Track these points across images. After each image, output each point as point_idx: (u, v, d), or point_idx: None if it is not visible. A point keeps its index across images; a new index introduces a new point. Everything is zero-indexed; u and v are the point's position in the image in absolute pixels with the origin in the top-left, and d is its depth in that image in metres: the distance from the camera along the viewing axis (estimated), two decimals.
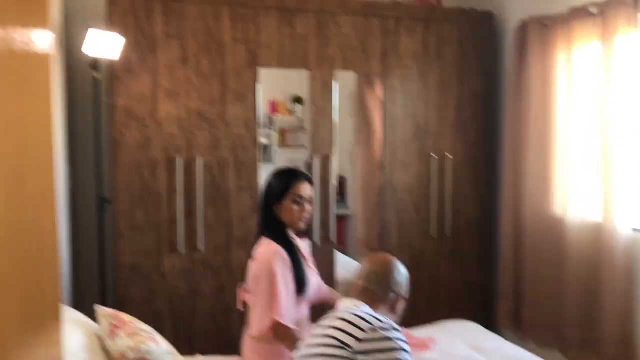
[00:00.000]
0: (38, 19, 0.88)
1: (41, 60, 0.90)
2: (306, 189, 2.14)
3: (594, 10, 2.70)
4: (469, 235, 3.45)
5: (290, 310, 2.00)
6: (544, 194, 3.04)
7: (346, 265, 3.37)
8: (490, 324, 3.16)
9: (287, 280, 2.02)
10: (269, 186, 2.15)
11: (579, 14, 2.79)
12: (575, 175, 2.87)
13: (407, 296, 1.81)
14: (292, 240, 2.16)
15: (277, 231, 2.11)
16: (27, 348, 0.74)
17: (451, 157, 3.36)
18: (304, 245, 2.29)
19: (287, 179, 2.13)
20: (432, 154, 3.33)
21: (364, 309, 1.60)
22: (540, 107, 3.04)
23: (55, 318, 0.93)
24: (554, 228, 2.98)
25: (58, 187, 2.44)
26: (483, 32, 3.40)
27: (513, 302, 3.23)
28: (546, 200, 3.04)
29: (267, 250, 2.05)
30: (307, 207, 2.14)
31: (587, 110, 2.80)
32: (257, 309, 2.02)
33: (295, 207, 2.10)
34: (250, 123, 2.98)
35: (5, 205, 0.64)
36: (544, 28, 3.01)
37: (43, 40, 0.89)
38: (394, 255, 3.23)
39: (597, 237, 2.72)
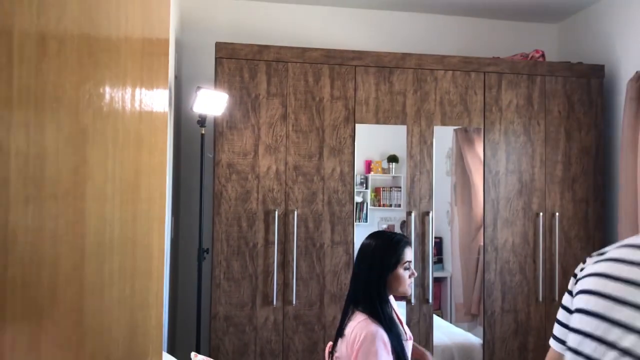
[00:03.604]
0: (159, 81, 0.94)
1: (160, 118, 0.95)
2: (411, 253, 2.08)
3: None
4: None
5: None
6: None
7: (443, 329, 3.20)
8: None
9: None
10: (377, 256, 2.00)
11: None
12: None
13: None
14: (392, 312, 2.00)
15: (378, 303, 1.92)
16: None
17: (559, 215, 3.15)
18: (397, 308, 2.17)
19: (397, 246, 2.02)
20: (538, 212, 3.14)
21: None
22: None
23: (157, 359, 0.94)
24: None
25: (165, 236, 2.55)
26: (592, 85, 3.23)
27: None
28: None
29: (365, 329, 1.84)
30: (414, 271, 2.08)
31: None
32: None
33: (407, 274, 2.02)
34: (347, 177, 2.99)
35: (121, 242, 0.66)
36: None
37: (162, 99, 0.94)
38: (496, 320, 3.05)
39: None
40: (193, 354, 1.98)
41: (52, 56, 0.45)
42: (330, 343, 2.11)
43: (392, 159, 3.50)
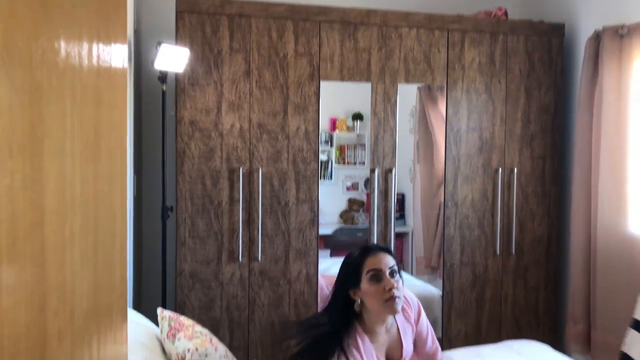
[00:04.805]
0: (117, 35, 0.91)
1: (120, 74, 0.93)
2: (385, 260, 1.73)
3: None
4: (535, 253, 3.31)
5: None
6: (617, 212, 2.88)
7: (405, 282, 3.30)
8: (557, 347, 3.01)
9: None
10: (340, 272, 1.79)
11: None
12: None
13: None
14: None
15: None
16: (95, 343, 0.75)
17: (517, 171, 3.25)
18: (403, 323, 1.87)
19: (357, 257, 1.75)
20: (497, 168, 3.23)
21: None
22: (613, 120, 2.89)
23: (122, 316, 0.95)
24: (630, 247, 2.81)
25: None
26: (552, 43, 3.29)
27: (583, 325, 3.06)
28: (620, 218, 2.87)
29: None
30: (392, 280, 1.69)
31: None
32: None
33: (377, 286, 1.69)
34: (311, 136, 2.99)
35: (82, 200, 0.66)
36: (620, 38, 2.88)
37: (121, 54, 0.92)
38: (455, 272, 3.16)
39: None
40: (159, 309, 2.00)
41: (2, 11, 0.43)
42: None
43: (357, 116, 3.51)
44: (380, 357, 1.80)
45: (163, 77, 2.84)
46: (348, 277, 1.75)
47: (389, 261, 1.74)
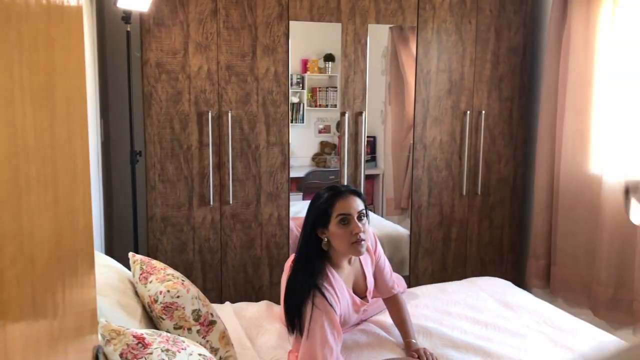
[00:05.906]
0: None
1: (74, 14, 0.90)
2: (354, 204, 1.78)
3: None
4: (501, 193, 3.40)
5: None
6: (580, 153, 2.96)
7: (375, 222, 3.37)
8: (519, 283, 3.15)
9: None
10: (309, 212, 1.84)
11: None
12: (615, 133, 2.77)
13: None
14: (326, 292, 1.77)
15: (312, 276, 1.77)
16: (60, 289, 0.76)
17: (485, 113, 3.28)
18: (364, 255, 1.96)
19: (327, 199, 1.79)
20: (465, 111, 3.26)
21: None
22: (580, 62, 2.92)
23: (88, 261, 0.96)
24: (590, 187, 2.91)
25: (90, 138, 2.48)
26: None
27: (544, 260, 3.21)
28: (583, 158, 2.96)
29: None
30: (359, 224, 1.76)
31: (630, 67, 2.68)
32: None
33: (344, 229, 1.76)
34: (281, 77, 2.95)
35: (37, 149, 0.65)
36: None
37: None
38: (422, 213, 3.24)
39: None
40: (130, 254, 2.01)
41: None
42: None
43: (329, 57, 3.46)
44: (348, 289, 1.90)
45: (127, 16, 2.74)
46: (317, 218, 1.81)
47: (358, 205, 1.79)
